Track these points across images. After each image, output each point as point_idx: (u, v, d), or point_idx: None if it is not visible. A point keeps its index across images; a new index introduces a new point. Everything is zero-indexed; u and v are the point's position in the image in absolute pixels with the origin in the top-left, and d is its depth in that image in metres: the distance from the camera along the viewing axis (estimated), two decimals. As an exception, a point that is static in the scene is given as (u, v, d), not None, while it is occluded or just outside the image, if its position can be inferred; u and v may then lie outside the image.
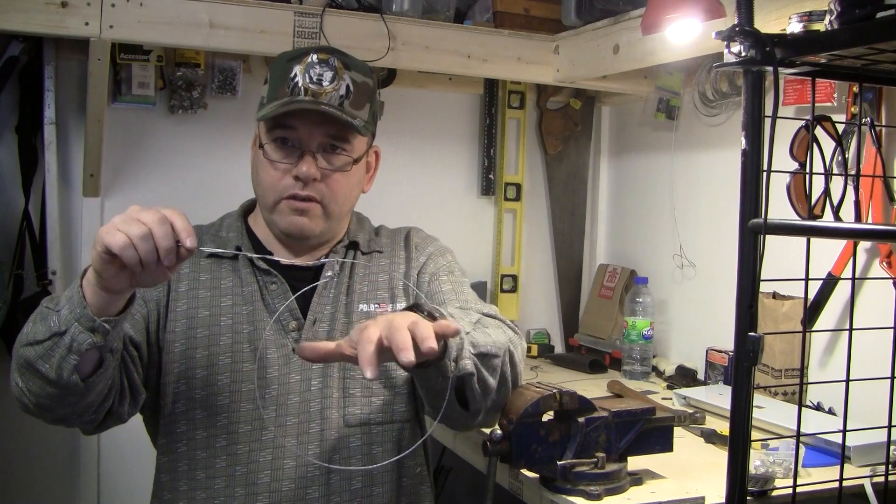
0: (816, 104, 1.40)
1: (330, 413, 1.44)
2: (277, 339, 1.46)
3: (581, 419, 1.39)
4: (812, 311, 1.89)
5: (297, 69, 1.43)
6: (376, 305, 1.53)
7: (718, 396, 1.97)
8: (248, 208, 1.61)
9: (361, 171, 1.52)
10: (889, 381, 1.19)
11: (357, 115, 1.45)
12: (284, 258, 1.51)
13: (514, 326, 1.46)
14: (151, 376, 1.44)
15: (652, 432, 1.48)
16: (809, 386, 1.99)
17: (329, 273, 1.50)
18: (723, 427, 1.76)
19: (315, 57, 1.45)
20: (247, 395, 1.42)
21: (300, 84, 1.42)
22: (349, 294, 1.53)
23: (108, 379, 1.27)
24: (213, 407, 1.42)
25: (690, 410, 1.81)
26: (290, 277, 1.49)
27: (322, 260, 1.52)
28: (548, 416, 1.38)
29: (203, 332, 1.45)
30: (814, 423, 1.78)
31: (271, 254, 1.51)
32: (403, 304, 1.53)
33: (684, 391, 2.06)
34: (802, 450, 1.58)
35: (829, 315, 1.92)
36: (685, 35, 1.82)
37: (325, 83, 1.42)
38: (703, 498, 1.44)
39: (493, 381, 1.30)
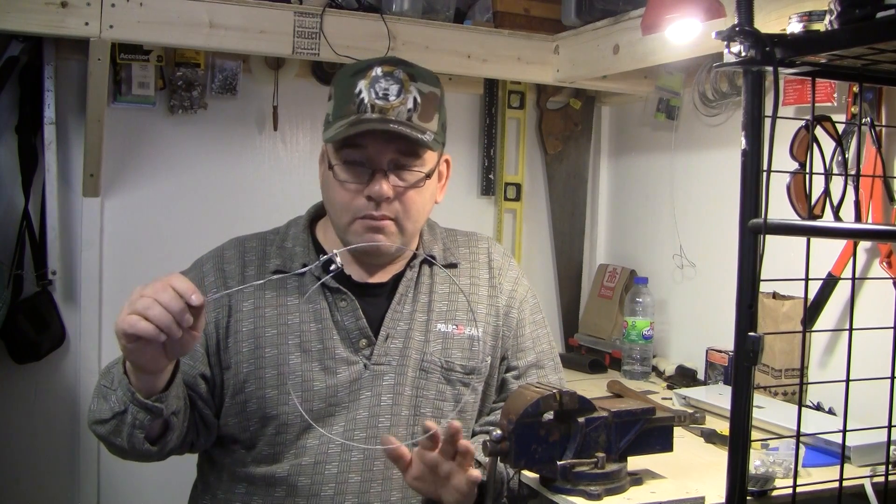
0: (816, 104, 1.40)
1: (398, 431, 1.43)
2: (349, 357, 1.44)
3: (581, 419, 1.39)
4: (812, 311, 1.89)
5: (362, 84, 1.39)
6: (454, 326, 1.51)
7: (718, 396, 1.97)
8: (315, 215, 1.56)
9: (434, 183, 1.49)
10: (889, 381, 1.19)
11: (426, 128, 1.41)
12: (357, 275, 1.49)
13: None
14: (217, 396, 1.46)
15: (652, 432, 1.48)
16: (809, 386, 1.99)
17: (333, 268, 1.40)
18: (723, 427, 1.76)
19: (379, 70, 1.40)
20: (318, 413, 1.41)
21: (366, 100, 1.38)
22: (428, 312, 1.50)
23: (181, 429, 1.36)
24: (285, 425, 1.42)
25: (690, 410, 1.81)
26: (361, 294, 1.47)
27: (415, 252, 1.51)
28: (548, 416, 1.38)
29: (271, 352, 1.43)
30: (814, 423, 1.78)
31: (341, 270, 1.48)
32: (480, 330, 1.52)
33: (684, 391, 2.06)
34: (802, 450, 1.58)
35: (829, 315, 1.92)
36: (685, 35, 1.82)
37: (392, 98, 1.38)
38: (703, 498, 1.44)
39: None
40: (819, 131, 1.17)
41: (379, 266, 1.51)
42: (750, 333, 1.06)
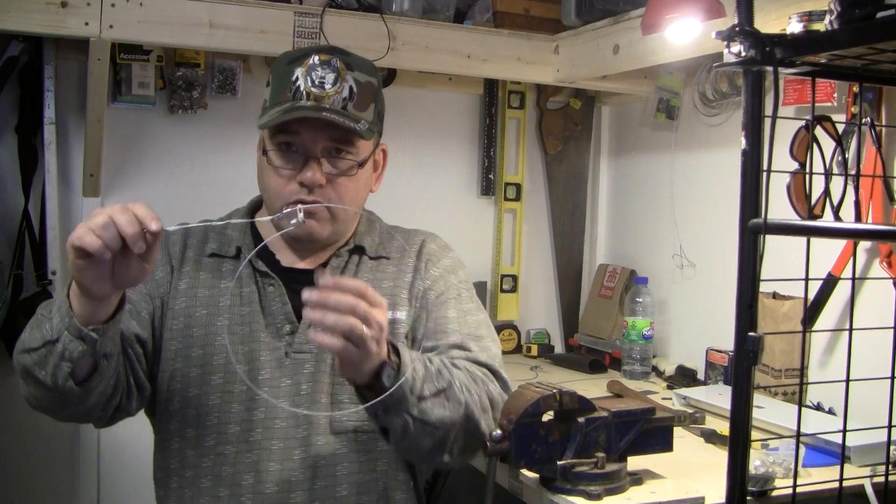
0: (816, 104, 1.40)
1: (318, 420, 1.41)
2: (271, 342, 1.44)
3: (581, 419, 1.39)
4: (812, 311, 1.89)
5: (299, 72, 1.40)
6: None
7: (718, 396, 1.97)
8: (257, 205, 1.58)
9: (368, 171, 1.49)
10: (889, 381, 1.19)
11: (361, 118, 1.41)
12: (287, 261, 1.49)
13: (503, 379, 1.43)
14: (154, 372, 1.44)
15: (652, 432, 1.48)
16: (809, 386, 1.99)
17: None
18: (723, 427, 1.76)
19: (316, 59, 1.41)
20: (238, 397, 1.41)
21: (302, 88, 1.39)
22: None
23: (108, 381, 1.29)
24: (204, 406, 1.41)
25: (690, 410, 1.81)
26: (290, 280, 1.47)
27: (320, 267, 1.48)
28: (548, 416, 1.38)
29: (199, 332, 1.44)
30: (814, 423, 1.78)
31: (273, 255, 1.49)
32: (404, 314, 1.50)
33: (684, 391, 2.06)
34: (802, 450, 1.58)
35: (829, 315, 1.92)
36: (685, 35, 1.82)
37: (328, 86, 1.39)
38: (703, 498, 1.44)
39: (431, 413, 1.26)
40: (819, 131, 1.17)
41: (310, 252, 1.51)
42: (750, 333, 1.06)
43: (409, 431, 1.26)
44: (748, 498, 1.10)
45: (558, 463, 1.37)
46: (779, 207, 1.11)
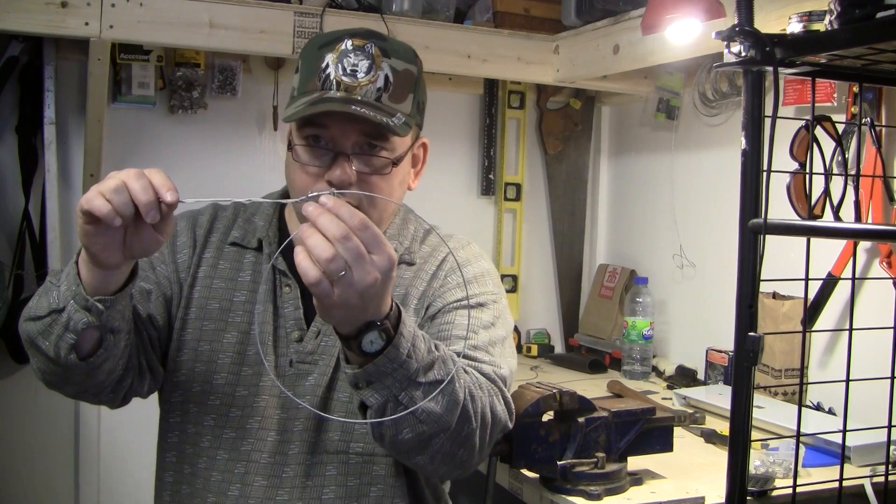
0: (816, 104, 1.40)
1: (308, 436, 1.34)
2: (278, 347, 1.36)
3: (581, 419, 1.39)
4: (812, 311, 1.89)
5: (330, 58, 1.28)
6: None
7: (718, 396, 1.97)
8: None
9: (405, 168, 1.37)
10: (889, 381, 1.20)
11: (397, 110, 1.29)
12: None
13: (507, 402, 1.26)
14: (163, 347, 1.38)
15: (652, 432, 1.48)
16: (809, 386, 1.99)
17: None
18: (723, 427, 1.76)
19: (349, 44, 1.28)
20: (238, 401, 1.34)
21: (332, 76, 1.27)
22: None
23: (115, 359, 1.22)
24: (204, 405, 1.35)
25: (690, 410, 1.81)
26: None
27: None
28: (548, 416, 1.38)
29: (210, 326, 1.37)
30: (814, 423, 1.78)
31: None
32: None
33: (684, 391, 2.06)
34: (802, 450, 1.58)
35: (829, 315, 1.92)
36: (685, 35, 1.82)
37: (360, 75, 1.27)
38: (703, 498, 1.44)
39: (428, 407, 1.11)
40: (819, 131, 1.17)
41: None
42: (750, 333, 1.06)
43: (387, 414, 1.11)
44: (748, 498, 1.10)
45: (558, 463, 1.37)
46: (779, 207, 1.11)
